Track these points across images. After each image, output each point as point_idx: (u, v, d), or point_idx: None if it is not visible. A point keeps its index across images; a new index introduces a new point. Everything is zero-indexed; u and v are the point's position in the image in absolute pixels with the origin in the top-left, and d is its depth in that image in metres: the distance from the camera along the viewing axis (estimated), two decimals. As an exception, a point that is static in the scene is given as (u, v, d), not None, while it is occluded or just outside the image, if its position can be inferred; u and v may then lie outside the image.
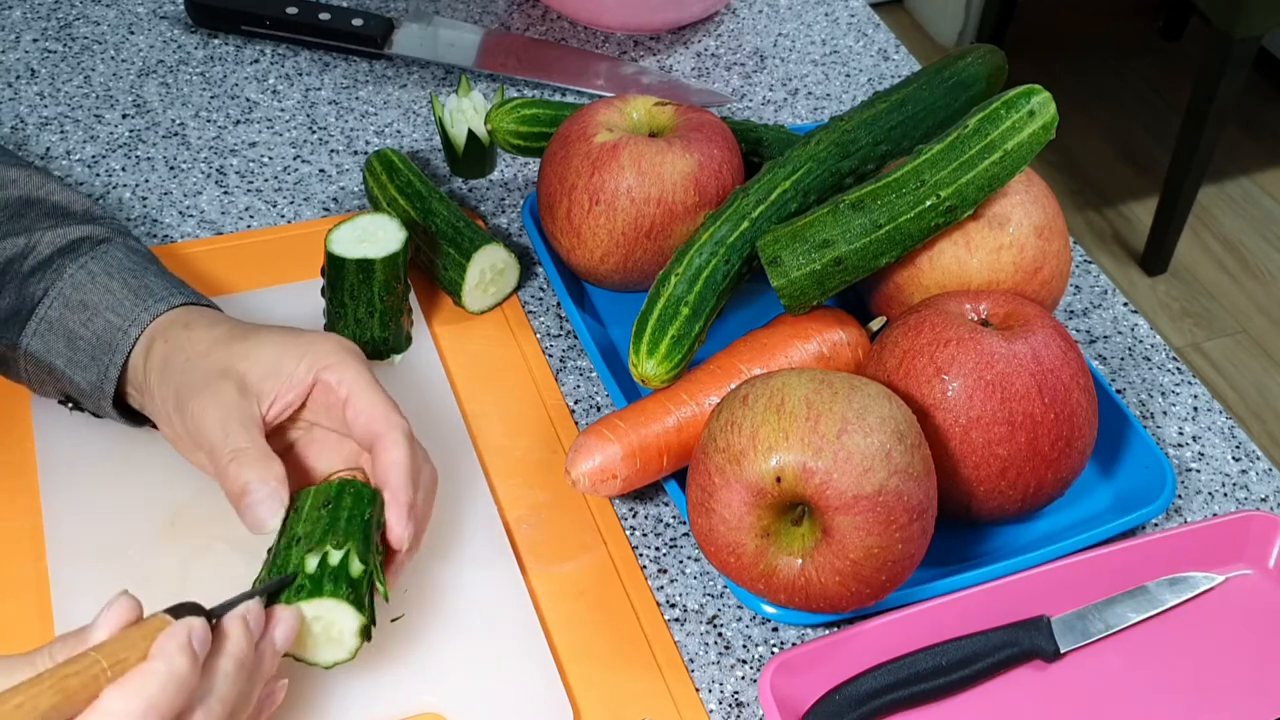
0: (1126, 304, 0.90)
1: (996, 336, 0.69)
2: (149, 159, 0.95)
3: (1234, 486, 0.78)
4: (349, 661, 0.59)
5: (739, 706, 0.66)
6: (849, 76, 1.09)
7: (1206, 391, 0.84)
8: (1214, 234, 2.39)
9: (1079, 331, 0.88)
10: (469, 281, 0.82)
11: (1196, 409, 0.83)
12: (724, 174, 0.79)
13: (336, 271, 0.75)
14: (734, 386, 0.70)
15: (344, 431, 0.66)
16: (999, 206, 0.75)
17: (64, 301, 0.68)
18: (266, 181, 0.94)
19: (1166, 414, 0.83)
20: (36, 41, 1.05)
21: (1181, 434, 0.82)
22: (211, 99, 1.00)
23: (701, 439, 0.65)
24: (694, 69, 1.09)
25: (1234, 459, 0.80)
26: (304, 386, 0.65)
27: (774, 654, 0.68)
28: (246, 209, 0.91)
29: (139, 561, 0.68)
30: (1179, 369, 0.86)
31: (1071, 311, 0.90)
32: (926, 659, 0.66)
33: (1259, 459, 0.80)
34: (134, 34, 1.06)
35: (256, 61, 1.05)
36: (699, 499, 0.64)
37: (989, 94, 0.86)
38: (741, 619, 0.70)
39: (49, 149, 0.94)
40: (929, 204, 0.72)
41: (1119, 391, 0.84)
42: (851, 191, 0.74)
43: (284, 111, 1.00)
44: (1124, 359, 0.86)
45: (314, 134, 0.98)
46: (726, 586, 0.71)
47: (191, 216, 0.90)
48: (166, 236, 0.88)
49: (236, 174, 0.94)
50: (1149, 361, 0.86)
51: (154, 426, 0.69)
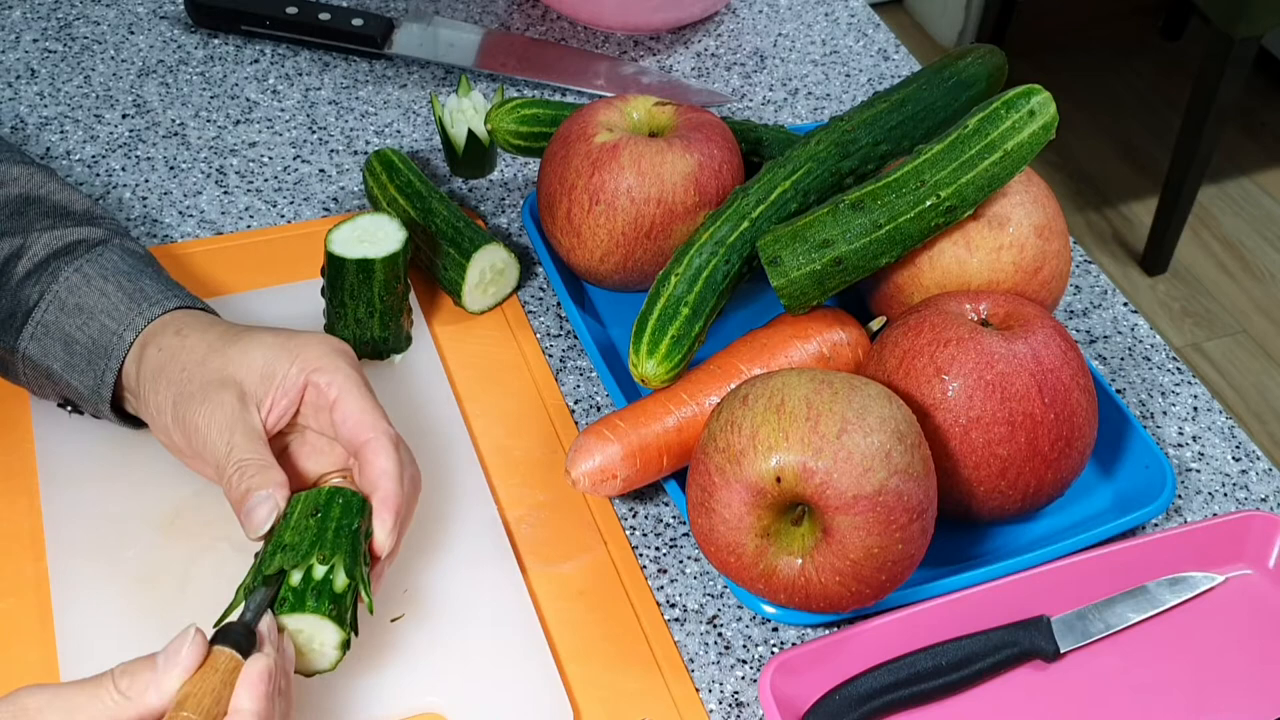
0: (1126, 304, 0.90)
1: (996, 336, 0.69)
2: (149, 159, 0.95)
3: (1234, 486, 0.78)
4: (329, 672, 0.60)
5: (739, 706, 0.66)
6: (849, 76, 1.09)
7: (1206, 391, 0.84)
8: (1214, 234, 2.39)
9: (1079, 331, 0.88)
10: (469, 281, 0.82)
11: (1196, 409, 0.83)
12: (724, 174, 0.79)
13: (336, 271, 0.75)
14: (734, 386, 0.70)
15: (331, 434, 0.66)
16: (999, 206, 0.76)
17: (60, 305, 0.68)
18: (266, 181, 0.94)
19: (1166, 414, 0.83)
20: (36, 41, 1.05)
21: (1181, 434, 0.82)
22: (211, 99, 1.00)
23: (701, 439, 0.65)
24: (694, 69, 1.09)
25: (1234, 459, 0.80)
26: (297, 390, 0.65)
27: (774, 654, 0.68)
28: (246, 209, 0.91)
29: (139, 561, 0.68)
30: (1179, 369, 0.86)
31: (1071, 311, 0.90)
32: (926, 659, 0.66)
33: (1259, 459, 0.80)
34: (134, 34, 1.06)
35: (256, 61, 1.05)
36: (699, 499, 0.64)
37: (989, 94, 0.86)
38: (741, 619, 0.70)
39: (49, 149, 0.94)
40: (929, 204, 0.72)
41: (1119, 391, 0.84)
42: (851, 191, 0.74)
43: (284, 111, 1.00)
44: (1124, 359, 0.86)
45: (314, 134, 0.98)
46: (726, 586, 0.71)
47: (191, 216, 0.90)
48: (166, 236, 0.88)
49: (236, 174, 0.94)
50: (1149, 361, 0.86)
51: (153, 428, 0.69)
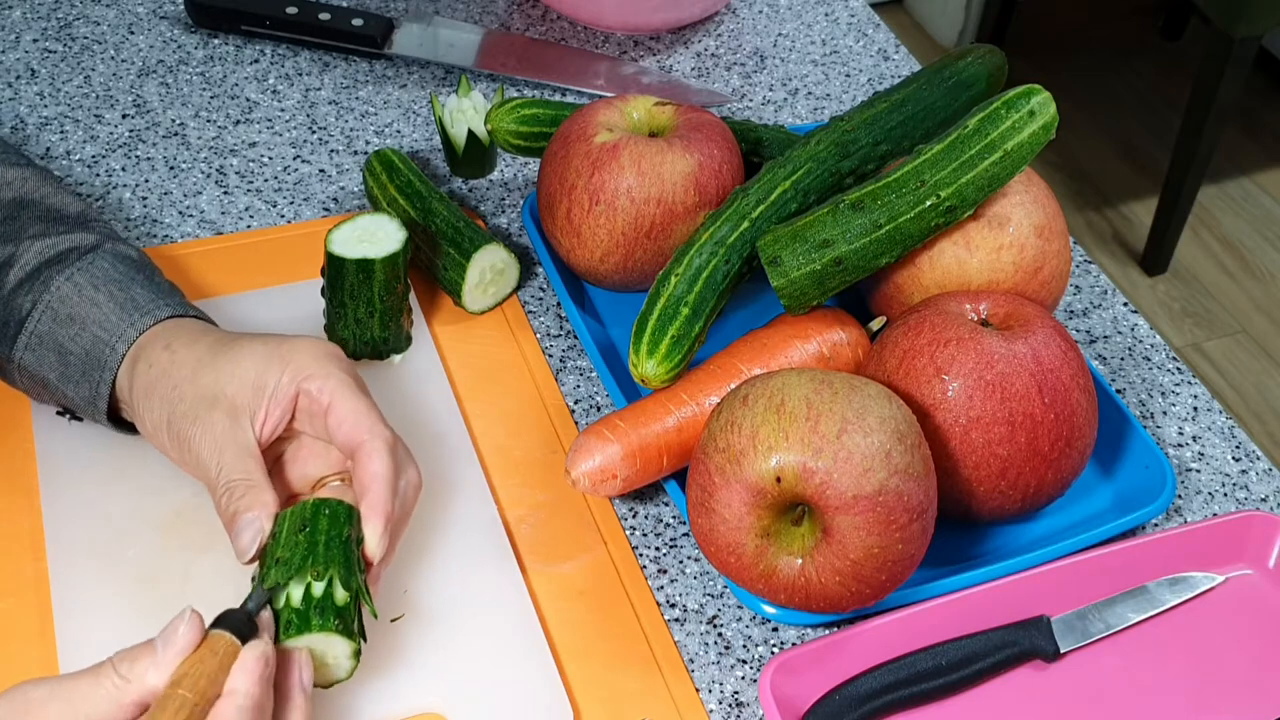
0: (1126, 304, 0.90)
1: (996, 336, 0.69)
2: (149, 159, 0.95)
3: (1234, 486, 0.78)
4: (347, 680, 0.60)
5: (739, 706, 0.66)
6: (849, 76, 1.09)
7: (1206, 391, 0.84)
8: (1214, 234, 2.39)
9: (1079, 331, 0.88)
10: (469, 281, 0.82)
11: (1196, 409, 0.83)
12: (724, 174, 0.79)
13: (336, 271, 0.75)
14: (734, 386, 0.70)
15: (327, 439, 0.66)
16: (999, 206, 0.75)
17: (52, 315, 0.68)
18: (266, 181, 0.94)
19: (1166, 414, 0.83)
20: (36, 41, 1.04)
21: (1181, 434, 0.81)
22: (211, 99, 1.00)
23: (701, 439, 0.65)
24: (694, 69, 1.09)
25: (1234, 459, 0.80)
26: (289, 400, 0.65)
27: (774, 654, 0.68)
28: (246, 209, 0.91)
29: (139, 562, 0.68)
30: (1179, 369, 0.86)
31: (1071, 311, 0.90)
32: (926, 659, 0.66)
33: (1259, 459, 0.80)
34: (134, 34, 1.06)
35: (256, 61, 1.05)
36: (699, 499, 0.64)
37: (989, 94, 0.86)
38: (741, 619, 0.70)
39: (49, 149, 0.94)
40: (929, 204, 0.72)
41: (1119, 391, 0.84)
42: (851, 191, 0.74)
43: (284, 111, 1.00)
44: (1124, 359, 0.86)
45: (314, 134, 0.98)
46: (726, 586, 0.71)
47: (191, 216, 0.90)
48: (166, 236, 0.88)
49: (236, 174, 0.94)
50: (1149, 361, 0.86)
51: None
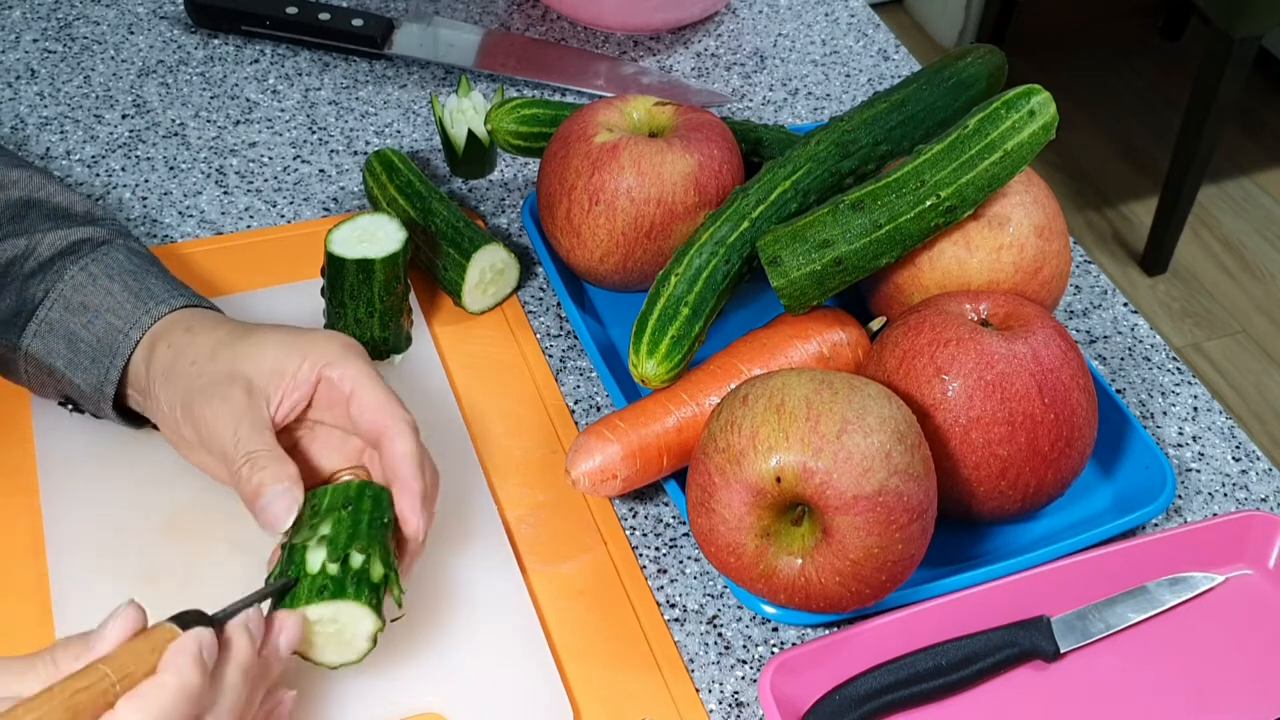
0: (1126, 304, 0.90)
1: (996, 336, 0.69)
2: (149, 159, 0.95)
3: (1234, 486, 0.78)
4: (356, 664, 0.59)
5: (739, 706, 0.66)
6: (849, 76, 1.09)
7: (1206, 391, 0.84)
8: (1214, 234, 2.39)
9: (1079, 331, 0.88)
10: (469, 281, 0.82)
11: (1196, 409, 0.83)
12: (724, 174, 0.79)
13: (336, 271, 0.75)
14: (734, 386, 0.70)
15: (348, 428, 0.66)
16: (999, 206, 0.75)
17: (64, 303, 0.68)
18: (266, 181, 0.94)
19: (1166, 414, 0.83)
20: (36, 41, 1.04)
21: (1181, 434, 0.81)
22: (211, 99, 1.00)
23: (701, 439, 0.65)
24: (694, 69, 1.09)
25: (1234, 459, 0.80)
26: (309, 385, 0.65)
27: (774, 654, 0.68)
28: (246, 209, 0.91)
29: (139, 561, 0.68)
30: (1179, 369, 0.86)
31: (1071, 311, 0.90)
32: (926, 659, 0.66)
33: (1259, 459, 0.80)
34: (134, 34, 1.06)
35: (256, 61, 1.05)
36: (699, 499, 0.64)
37: (989, 94, 0.86)
38: (741, 619, 0.70)
39: (49, 149, 0.94)
40: (929, 204, 0.72)
41: (1119, 391, 0.84)
42: (851, 191, 0.74)
43: (284, 111, 1.00)
44: (1124, 359, 0.86)
45: (314, 134, 0.98)
46: (726, 586, 0.71)
47: (191, 216, 0.90)
48: (166, 236, 0.88)
49: (236, 174, 0.94)
50: (1149, 361, 0.86)
51: (154, 428, 0.69)
